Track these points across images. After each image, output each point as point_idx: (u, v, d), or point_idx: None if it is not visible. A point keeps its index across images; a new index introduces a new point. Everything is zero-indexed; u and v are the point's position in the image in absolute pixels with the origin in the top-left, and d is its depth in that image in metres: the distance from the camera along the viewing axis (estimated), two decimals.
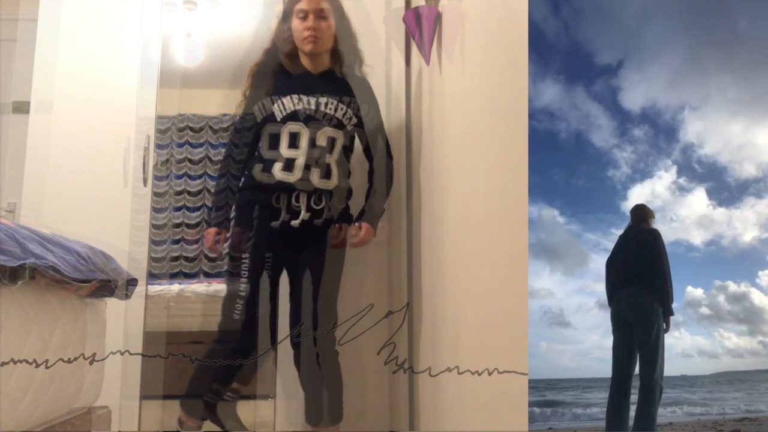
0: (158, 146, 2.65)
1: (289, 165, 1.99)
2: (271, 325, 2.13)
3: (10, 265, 1.23)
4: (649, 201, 1.72)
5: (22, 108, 2.68)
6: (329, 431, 2.01)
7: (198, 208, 4.12)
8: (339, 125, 2.04)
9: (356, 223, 2.06)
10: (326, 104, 2.03)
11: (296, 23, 2.03)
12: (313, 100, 2.03)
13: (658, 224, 1.78)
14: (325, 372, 2.00)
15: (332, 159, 2.03)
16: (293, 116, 2.01)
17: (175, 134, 4.21)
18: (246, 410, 2.47)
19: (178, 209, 4.14)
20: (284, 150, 2.00)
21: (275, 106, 2.02)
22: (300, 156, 1.99)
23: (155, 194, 2.55)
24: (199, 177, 4.25)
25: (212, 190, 2.16)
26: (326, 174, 2.02)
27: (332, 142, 2.03)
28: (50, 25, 2.39)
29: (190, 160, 4.25)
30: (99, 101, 2.37)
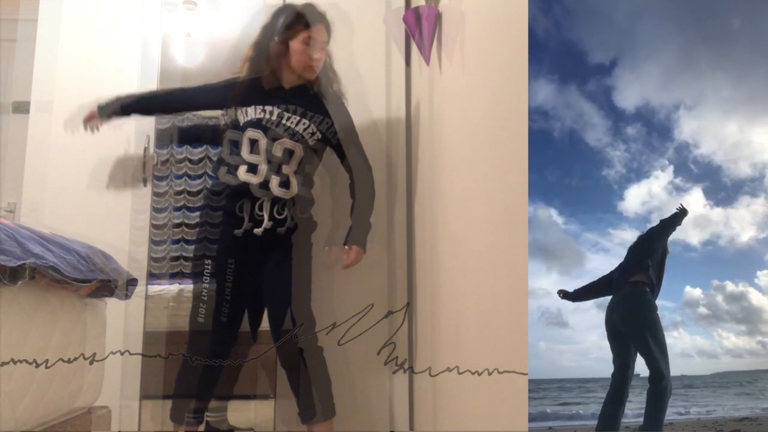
0: (158, 146, 2.65)
1: (252, 168, 2.03)
2: (252, 329, 2.15)
3: (10, 265, 1.23)
4: (646, 201, 1.71)
5: (22, 108, 2.68)
6: (323, 427, 2.02)
7: (198, 208, 4.11)
8: (299, 138, 2.07)
9: (346, 246, 2.10)
10: (288, 118, 2.06)
11: (300, 47, 2.04)
12: (276, 112, 2.06)
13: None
14: (312, 370, 2.03)
15: (289, 170, 2.06)
16: (253, 124, 2.05)
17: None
18: (246, 410, 2.47)
19: (178, 209, 4.14)
20: (246, 155, 2.04)
21: (239, 113, 2.07)
22: (262, 162, 2.03)
23: (155, 194, 2.55)
24: (199, 177, 4.24)
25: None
26: (284, 184, 2.05)
27: (289, 153, 2.06)
28: (50, 25, 2.39)
29: (190, 160, 4.24)
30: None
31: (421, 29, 1.82)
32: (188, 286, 3.32)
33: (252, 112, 2.06)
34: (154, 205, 2.50)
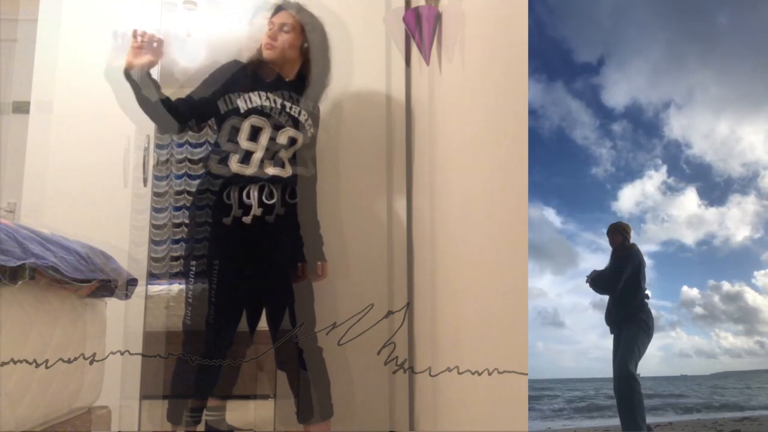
0: (158, 146, 2.65)
1: (246, 158, 2.02)
2: (250, 328, 2.15)
3: (10, 265, 1.23)
4: (640, 201, 1.72)
5: (22, 108, 2.68)
6: (321, 428, 2.02)
7: (198, 207, 4.10)
8: (300, 128, 2.10)
9: (318, 263, 2.16)
10: (291, 107, 2.09)
11: (264, 34, 2.12)
12: (279, 100, 2.07)
13: (650, 224, 1.76)
14: (312, 371, 2.02)
15: (286, 155, 2.07)
16: (257, 111, 2.05)
17: (175, 134, 4.19)
18: (246, 410, 2.47)
19: (178, 209, 4.13)
20: (243, 142, 2.03)
21: (240, 99, 2.05)
22: (258, 150, 2.02)
23: (155, 194, 2.55)
24: (199, 177, 4.22)
25: None
26: (281, 165, 2.06)
27: (292, 141, 2.08)
28: (50, 25, 2.39)
29: (190, 160, 4.23)
30: (99, 101, 2.37)
31: (421, 29, 1.82)
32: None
33: (256, 99, 2.05)
34: (154, 205, 2.50)
